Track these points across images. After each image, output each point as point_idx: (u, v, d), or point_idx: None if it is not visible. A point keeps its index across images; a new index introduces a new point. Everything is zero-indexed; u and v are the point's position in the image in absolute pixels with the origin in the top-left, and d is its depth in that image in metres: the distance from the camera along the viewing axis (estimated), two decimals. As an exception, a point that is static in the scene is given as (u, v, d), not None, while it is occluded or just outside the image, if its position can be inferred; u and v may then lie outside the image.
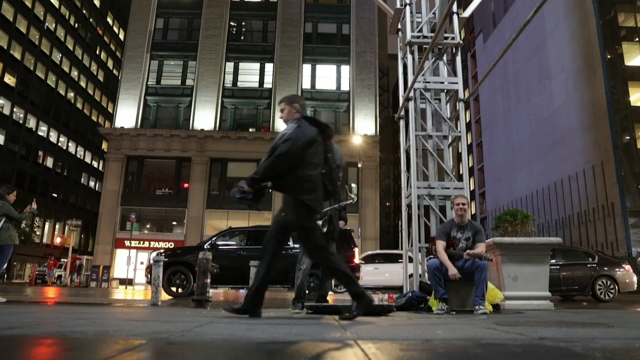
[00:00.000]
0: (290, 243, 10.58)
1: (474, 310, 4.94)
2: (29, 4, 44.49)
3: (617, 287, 11.05)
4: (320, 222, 5.12)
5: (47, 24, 47.31)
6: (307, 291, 5.31)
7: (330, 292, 5.76)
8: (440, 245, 5.20)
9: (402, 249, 8.41)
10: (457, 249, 5.20)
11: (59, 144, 49.60)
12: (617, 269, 11.46)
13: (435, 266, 5.04)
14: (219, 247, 10.95)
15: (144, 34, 31.70)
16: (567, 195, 33.22)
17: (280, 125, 30.20)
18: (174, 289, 10.49)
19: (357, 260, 10.12)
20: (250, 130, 30.51)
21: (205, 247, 11.19)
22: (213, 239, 11.47)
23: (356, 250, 10.44)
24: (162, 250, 12.10)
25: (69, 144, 51.31)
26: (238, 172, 30.56)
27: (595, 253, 12.16)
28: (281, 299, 11.52)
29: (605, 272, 11.16)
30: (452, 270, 4.96)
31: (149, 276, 10.79)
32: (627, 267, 11.76)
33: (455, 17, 7.42)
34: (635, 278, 11.64)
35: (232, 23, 32.80)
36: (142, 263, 25.96)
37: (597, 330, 2.77)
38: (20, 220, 7.10)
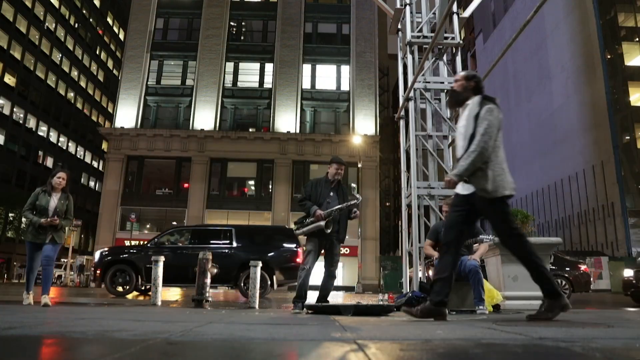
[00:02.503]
0: (234, 243, 10.64)
1: (474, 311, 4.96)
2: (29, 4, 44.48)
3: (571, 288, 11.02)
4: (323, 223, 5.11)
5: (47, 24, 47.31)
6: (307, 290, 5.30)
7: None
8: (427, 243, 5.56)
9: (402, 249, 8.40)
10: None
11: (59, 144, 49.60)
12: (572, 270, 11.46)
13: None
14: (163, 246, 10.94)
15: (144, 34, 31.70)
16: (567, 195, 33.22)
17: (280, 125, 30.22)
18: (119, 288, 10.46)
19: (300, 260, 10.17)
20: (250, 130, 30.52)
21: (149, 245, 11.23)
22: (157, 238, 11.47)
23: (300, 250, 10.43)
24: (106, 249, 12.11)
25: (69, 144, 51.31)
26: (238, 172, 30.58)
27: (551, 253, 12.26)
28: (281, 298, 11.53)
29: (559, 273, 11.11)
30: (437, 255, 5.16)
31: (95, 277, 10.76)
32: (583, 267, 11.83)
33: (455, 17, 7.43)
34: (591, 279, 11.71)
35: (232, 23, 32.80)
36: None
37: (597, 330, 2.77)
38: (27, 219, 5.79)
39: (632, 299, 9.59)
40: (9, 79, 42.01)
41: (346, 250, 25.98)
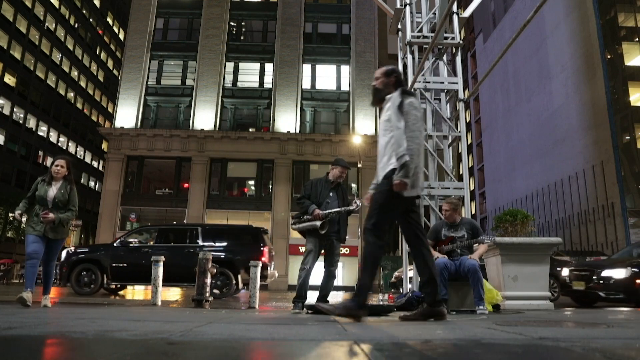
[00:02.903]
0: (200, 242, 10.67)
1: (474, 311, 4.97)
2: (29, 4, 44.48)
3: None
4: (319, 223, 5.11)
5: (47, 24, 47.30)
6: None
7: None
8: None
9: (402, 249, 8.40)
10: (454, 246, 5.33)
11: (59, 144, 49.60)
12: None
13: (444, 265, 5.07)
14: (129, 245, 10.96)
15: (144, 34, 31.69)
16: (567, 195, 33.22)
17: (280, 125, 30.22)
18: (84, 287, 10.43)
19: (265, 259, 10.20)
20: (250, 130, 30.51)
21: (114, 244, 11.25)
22: (123, 237, 11.50)
23: (266, 249, 10.48)
24: (72, 248, 12.10)
25: (69, 144, 51.32)
26: (238, 172, 30.57)
27: None
28: (281, 298, 11.52)
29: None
30: (437, 254, 5.24)
31: (61, 275, 10.71)
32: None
33: (455, 17, 7.43)
34: None
35: (232, 23, 32.79)
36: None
37: (597, 330, 2.77)
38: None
39: (571, 299, 9.29)
40: (9, 79, 42.00)
41: (346, 250, 25.99)
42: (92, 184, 55.71)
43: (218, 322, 3.17)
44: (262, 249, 10.55)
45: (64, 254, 11.02)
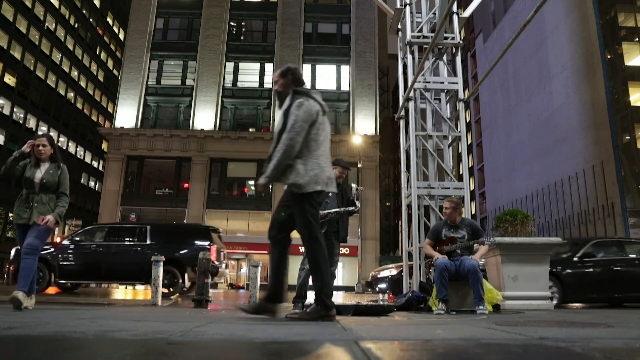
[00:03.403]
0: (148, 240, 10.69)
1: (474, 311, 4.97)
2: (29, 4, 44.47)
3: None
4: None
5: (47, 24, 47.29)
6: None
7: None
8: (427, 242, 5.58)
9: (402, 249, 8.41)
10: (454, 247, 5.33)
11: (59, 144, 49.54)
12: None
13: (444, 265, 5.07)
14: (77, 244, 10.96)
15: (144, 34, 31.70)
16: (567, 195, 33.22)
17: (280, 125, 30.23)
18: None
19: (214, 257, 10.25)
20: (250, 130, 30.52)
21: (63, 243, 11.27)
22: (73, 235, 11.51)
23: (214, 248, 10.53)
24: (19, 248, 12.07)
25: (69, 144, 51.31)
26: (238, 172, 30.58)
27: None
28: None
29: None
30: (437, 255, 5.28)
31: (7, 273, 10.72)
32: None
33: (455, 17, 7.43)
34: None
35: (232, 23, 32.80)
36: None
37: (597, 330, 2.77)
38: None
39: None
40: (9, 79, 42.00)
41: (346, 250, 25.99)
42: (92, 184, 55.70)
43: (218, 322, 3.17)
44: (209, 247, 10.63)
45: (12, 252, 11.04)
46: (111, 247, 10.71)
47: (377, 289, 12.08)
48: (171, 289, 10.08)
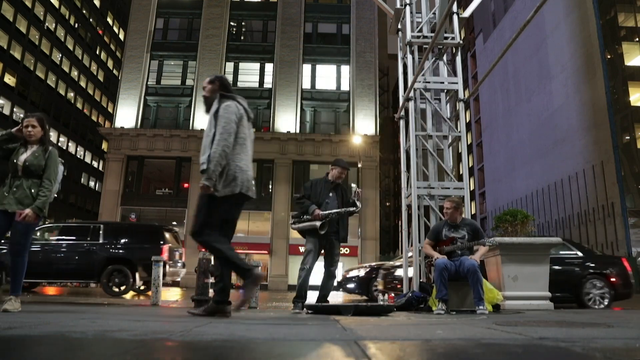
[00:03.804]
0: (101, 239, 10.66)
1: (474, 311, 4.97)
2: (29, 4, 44.47)
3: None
4: (319, 224, 5.11)
5: (47, 24, 47.29)
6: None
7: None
8: (427, 242, 5.60)
9: (402, 249, 8.40)
10: (455, 247, 5.33)
11: (59, 144, 49.56)
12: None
13: (444, 265, 5.07)
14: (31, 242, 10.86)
15: (144, 34, 31.69)
16: (567, 195, 33.23)
17: (280, 125, 30.22)
18: None
19: (165, 256, 10.25)
20: (250, 130, 30.51)
21: None
22: None
23: (166, 247, 10.60)
24: None
25: (69, 144, 51.31)
26: (238, 172, 30.56)
27: None
28: (281, 298, 11.52)
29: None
30: (437, 255, 5.29)
31: None
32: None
33: (455, 17, 7.43)
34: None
35: (232, 23, 32.79)
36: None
37: (597, 330, 2.77)
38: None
39: None
40: (9, 79, 41.99)
41: (346, 250, 25.99)
42: (92, 184, 55.70)
43: (218, 322, 3.17)
44: (161, 247, 10.61)
45: None
46: (62, 246, 10.66)
47: (346, 289, 12.16)
48: (122, 288, 10.07)
